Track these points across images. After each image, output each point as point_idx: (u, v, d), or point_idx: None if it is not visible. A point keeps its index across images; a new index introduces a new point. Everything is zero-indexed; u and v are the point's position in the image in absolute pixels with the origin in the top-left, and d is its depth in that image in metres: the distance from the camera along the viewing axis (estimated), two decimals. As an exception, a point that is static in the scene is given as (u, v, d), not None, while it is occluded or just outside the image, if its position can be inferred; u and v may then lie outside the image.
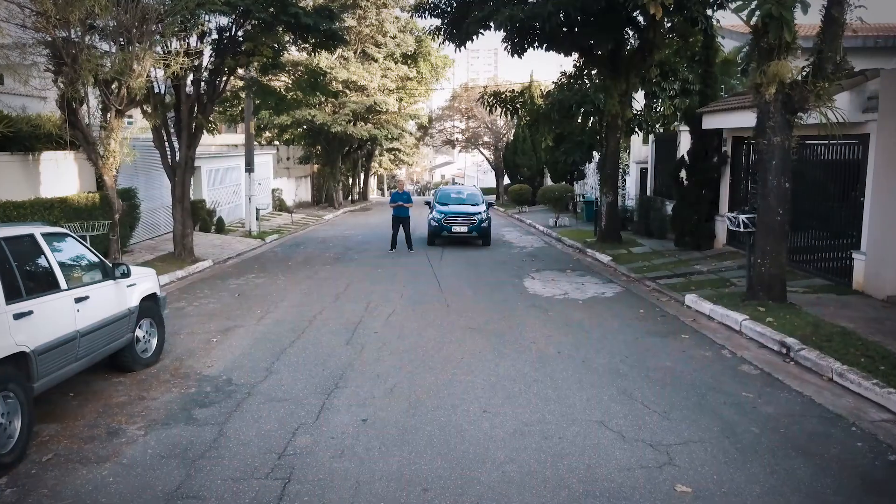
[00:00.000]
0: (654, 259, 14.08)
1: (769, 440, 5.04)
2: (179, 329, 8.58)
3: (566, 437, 5.10)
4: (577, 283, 11.82)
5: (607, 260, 14.43)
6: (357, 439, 5.07)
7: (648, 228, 17.77)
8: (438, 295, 10.79)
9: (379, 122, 33.36)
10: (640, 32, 15.16)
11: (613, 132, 15.90)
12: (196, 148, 14.75)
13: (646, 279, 12.04)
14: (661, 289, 11.13)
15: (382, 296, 10.66)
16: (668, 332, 8.34)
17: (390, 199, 16.76)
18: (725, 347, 7.58)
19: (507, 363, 6.97)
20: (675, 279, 11.84)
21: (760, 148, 8.81)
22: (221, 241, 18.71)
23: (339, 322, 8.86)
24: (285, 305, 10.03)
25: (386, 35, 33.05)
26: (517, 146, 35.35)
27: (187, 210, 14.60)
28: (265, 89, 15.60)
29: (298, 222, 25.79)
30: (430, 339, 7.93)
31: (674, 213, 15.12)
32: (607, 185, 16.14)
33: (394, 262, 14.69)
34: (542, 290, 11.20)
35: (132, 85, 10.69)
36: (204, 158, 22.26)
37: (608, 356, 7.23)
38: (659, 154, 19.09)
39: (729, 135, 14.10)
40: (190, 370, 6.85)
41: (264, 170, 29.09)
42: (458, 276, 12.63)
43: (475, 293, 10.91)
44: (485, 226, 17.36)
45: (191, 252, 14.59)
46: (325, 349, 7.55)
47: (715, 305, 9.08)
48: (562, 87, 15.83)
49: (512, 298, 10.45)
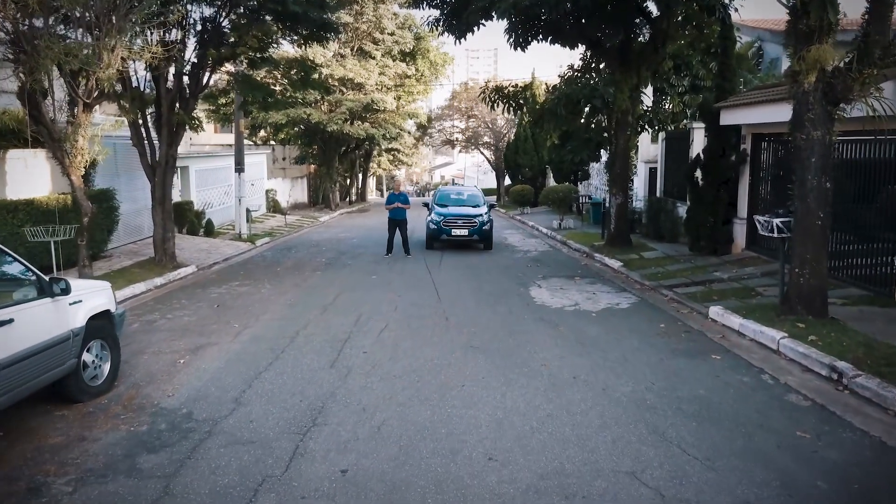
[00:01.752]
0: (668, 265, 13.11)
1: (844, 502, 4.08)
2: (145, 347, 7.62)
3: (592, 495, 4.14)
4: (588, 293, 10.85)
5: (618, 266, 13.46)
6: (333, 500, 4.10)
7: (659, 231, 16.82)
8: (437, 305, 9.83)
9: (376, 121, 32.40)
10: (652, 23, 14.19)
11: (623, 129, 14.93)
12: (178, 146, 13.78)
13: (662, 287, 11.08)
14: (680, 299, 10.17)
15: (375, 307, 9.69)
16: (696, 351, 7.37)
17: (386, 200, 15.79)
18: (765, 371, 6.61)
19: (516, 392, 6.00)
20: (694, 287, 10.88)
21: (798, 144, 7.84)
22: (209, 244, 17.75)
23: (325, 339, 7.89)
24: (267, 319, 9.06)
25: (384, 32, 32.10)
26: (518, 146, 34.39)
27: (168, 212, 13.64)
28: (252, 84, 14.67)
29: (292, 224, 24.83)
30: (426, 361, 6.96)
31: (688, 216, 14.15)
32: (617, 186, 15.17)
33: (389, 268, 13.72)
34: (551, 300, 10.23)
35: (100, 76, 9.73)
36: (193, 158, 21.32)
37: (631, 382, 6.26)
38: (669, 153, 18.13)
39: (748, 131, 13.13)
40: (146, 401, 5.88)
41: (258, 170, 28.15)
42: (459, 284, 11.66)
43: (477, 304, 9.94)
44: (486, 228, 16.39)
45: (172, 257, 13.63)
46: (305, 373, 6.59)
47: (745, 320, 8.12)
48: (569, 80, 14.85)
49: (518, 310, 9.49)
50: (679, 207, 16.47)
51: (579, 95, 13.23)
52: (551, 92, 14.76)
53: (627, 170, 15.57)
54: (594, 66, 15.40)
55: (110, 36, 9.74)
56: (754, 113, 11.78)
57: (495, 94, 15.61)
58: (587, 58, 15.65)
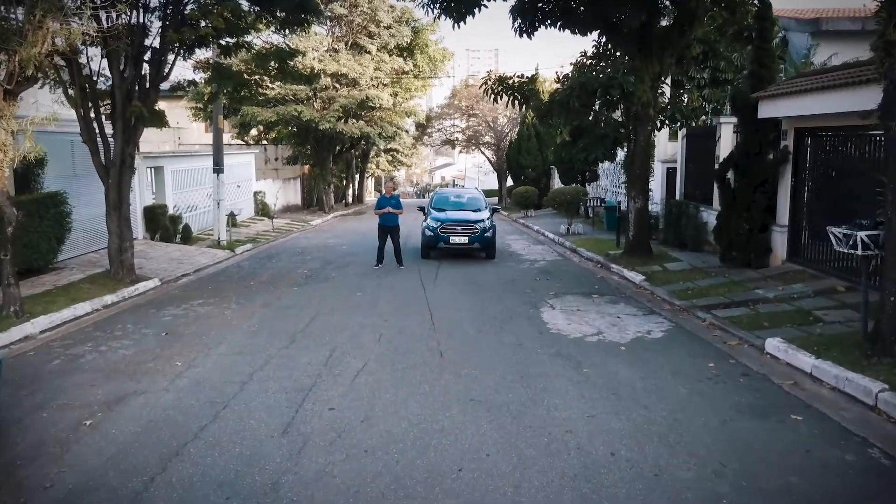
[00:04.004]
0: (698, 279, 11.38)
1: None
2: (52, 398, 5.90)
3: None
4: (611, 315, 9.12)
5: (640, 280, 11.74)
6: None
7: (679, 238, 15.09)
8: (430, 334, 8.10)
9: (372, 119, 30.67)
10: (678, 3, 12.46)
11: (644, 124, 13.19)
12: (137, 142, 12.07)
13: (696, 308, 9.37)
14: (722, 324, 8.44)
15: (354, 337, 7.96)
16: (767, 407, 5.64)
17: (375, 204, 14.05)
18: (871, 443, 4.88)
19: (534, 481, 4.28)
20: (736, 309, 9.15)
21: (893, 136, 6.12)
22: (182, 252, 16.02)
23: (283, 386, 6.17)
24: (220, 353, 7.34)
25: (380, 25, 30.35)
26: (521, 145, 32.67)
27: (126, 218, 11.92)
28: (223, 73, 13.00)
29: (280, 229, 23.08)
30: (411, 425, 5.24)
31: (719, 222, 12.41)
32: (636, 188, 13.43)
33: (378, 282, 12.00)
34: (567, 326, 8.50)
35: (23, 56, 8.03)
36: (168, 158, 19.61)
37: (693, 462, 4.54)
38: (691, 151, 16.39)
39: (790, 125, 11.39)
40: (16, 491, 4.17)
41: (245, 171, 26.46)
42: (457, 304, 9.94)
43: (478, 332, 8.21)
44: (489, 235, 14.67)
45: (130, 270, 11.91)
46: (246, 446, 4.86)
47: (819, 360, 6.40)
48: (582, 68, 13.14)
49: (529, 341, 7.76)
50: (703, 212, 14.75)
51: (595, 85, 11.54)
52: (562, 82, 13.07)
53: (648, 170, 13.83)
54: (609, 53, 13.66)
55: (37, 9, 8.06)
56: (804, 102, 10.04)
57: (498, 86, 13.90)
58: (601, 45, 13.92)
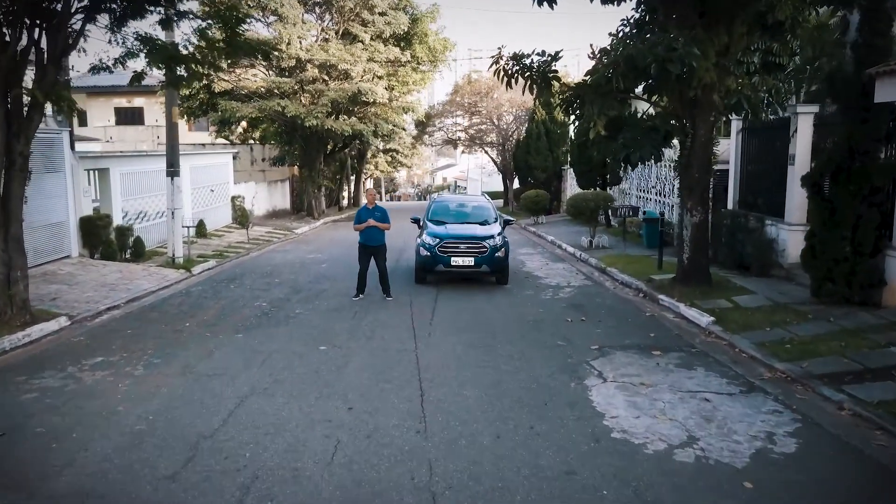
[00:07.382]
0: (790, 322, 8.28)
1: None
2: None
3: None
4: (694, 396, 6.01)
5: (706, 322, 8.66)
6: None
7: (737, 258, 12.02)
8: (417, 445, 4.98)
9: (366, 115, 27.57)
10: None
11: (706, 114, 10.08)
12: (32, 138, 9.00)
13: (814, 379, 6.32)
14: (882, 421, 5.34)
15: (290, 452, 4.85)
16: None
17: (355, 218, 10.90)
18: None
19: None
20: (879, 385, 6.08)
21: None
22: (122, 275, 12.91)
23: None
24: (66, 480, 4.27)
25: (373, 11, 27.26)
26: (530, 144, 29.55)
27: (16, 239, 8.84)
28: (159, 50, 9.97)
29: (257, 239, 19.96)
30: None
31: (810, 242, 9.30)
32: (694, 197, 10.31)
33: (354, 325, 8.90)
34: (635, 421, 5.39)
35: None
36: (116, 158, 16.54)
37: None
38: (750, 150, 13.28)
39: (917, 113, 8.33)
40: None
41: (220, 173, 23.45)
42: (461, 372, 6.84)
43: (496, 439, 5.08)
44: (500, 256, 11.56)
45: (23, 307, 8.83)
46: None
47: None
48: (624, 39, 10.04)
49: (582, 462, 4.65)
50: (770, 226, 11.67)
51: (649, 58, 8.39)
52: (598, 58, 9.91)
53: (709, 174, 10.72)
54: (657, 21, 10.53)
55: None
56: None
57: (514, 66, 10.82)
58: (643, 10, 10.77)
